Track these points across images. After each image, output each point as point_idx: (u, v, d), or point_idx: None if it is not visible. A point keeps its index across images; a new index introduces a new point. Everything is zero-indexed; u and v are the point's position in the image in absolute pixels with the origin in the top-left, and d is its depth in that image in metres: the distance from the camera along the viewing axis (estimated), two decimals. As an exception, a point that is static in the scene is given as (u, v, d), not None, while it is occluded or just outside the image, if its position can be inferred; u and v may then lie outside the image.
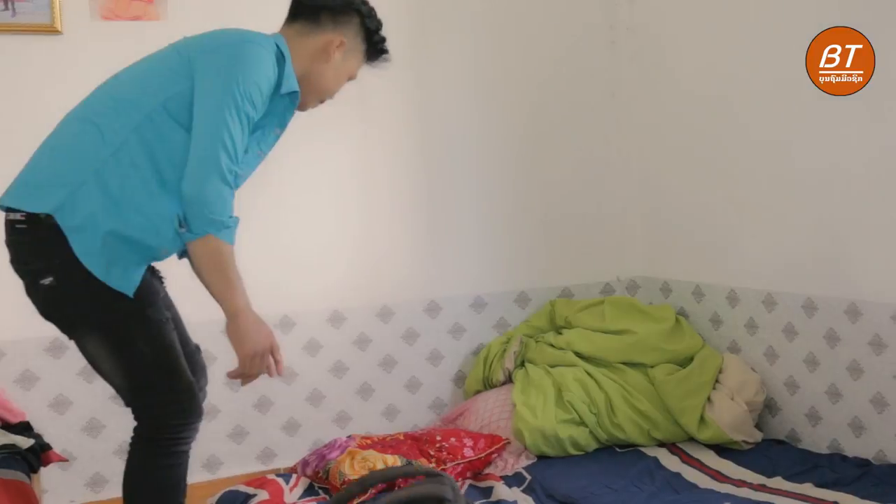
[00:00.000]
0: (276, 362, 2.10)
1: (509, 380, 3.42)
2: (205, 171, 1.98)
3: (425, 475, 2.44)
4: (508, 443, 3.13)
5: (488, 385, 3.46)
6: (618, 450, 3.18)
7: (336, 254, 3.37)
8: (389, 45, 2.30)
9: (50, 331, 2.76)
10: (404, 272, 3.47)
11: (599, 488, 2.80)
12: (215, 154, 1.98)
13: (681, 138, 3.61)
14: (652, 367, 3.34)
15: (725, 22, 3.34)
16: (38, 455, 2.60)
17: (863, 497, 2.58)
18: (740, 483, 2.81)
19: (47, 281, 2.01)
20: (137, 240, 2.03)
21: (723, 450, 3.09)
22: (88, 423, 3.02)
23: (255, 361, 2.06)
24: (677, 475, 2.92)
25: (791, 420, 3.18)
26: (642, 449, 3.16)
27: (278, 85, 2.13)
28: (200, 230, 1.99)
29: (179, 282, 2.24)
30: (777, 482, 2.79)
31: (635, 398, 3.22)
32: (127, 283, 2.02)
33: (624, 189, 3.82)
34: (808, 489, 2.70)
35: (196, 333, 2.32)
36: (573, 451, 3.13)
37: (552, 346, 3.46)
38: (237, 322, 2.04)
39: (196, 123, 2.01)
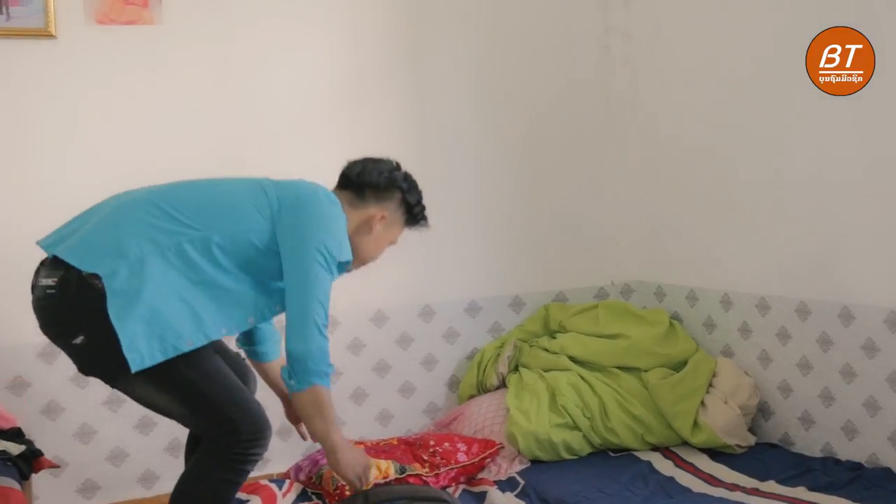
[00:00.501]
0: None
1: (503, 384, 3.42)
2: (306, 329, 2.17)
3: (429, 499, 2.46)
4: (502, 447, 3.13)
5: (482, 390, 3.46)
6: (611, 454, 3.18)
7: (329, 258, 3.37)
8: (387, 47, 2.31)
9: (41, 336, 2.75)
10: (398, 277, 3.46)
11: (593, 493, 2.80)
12: (312, 310, 2.17)
13: (675, 142, 3.61)
14: (646, 371, 3.34)
15: (721, 24, 3.34)
16: (30, 461, 2.59)
17: (855, 500, 2.59)
18: (734, 487, 2.81)
19: (79, 340, 2.11)
20: (163, 330, 2.08)
21: (716, 454, 3.10)
22: (80, 428, 3.01)
23: (359, 481, 2.36)
24: (671, 479, 2.92)
25: (784, 424, 3.18)
26: (636, 453, 3.16)
27: None
28: (306, 382, 2.20)
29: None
30: (770, 486, 2.79)
31: (629, 402, 3.22)
32: (139, 357, 2.06)
33: (618, 193, 3.82)
34: (802, 493, 2.70)
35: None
36: (567, 456, 3.13)
37: (546, 350, 3.46)
38: (337, 457, 2.30)
39: (289, 281, 2.20)
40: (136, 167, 3.03)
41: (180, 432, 2.98)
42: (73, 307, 2.11)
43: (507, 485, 2.93)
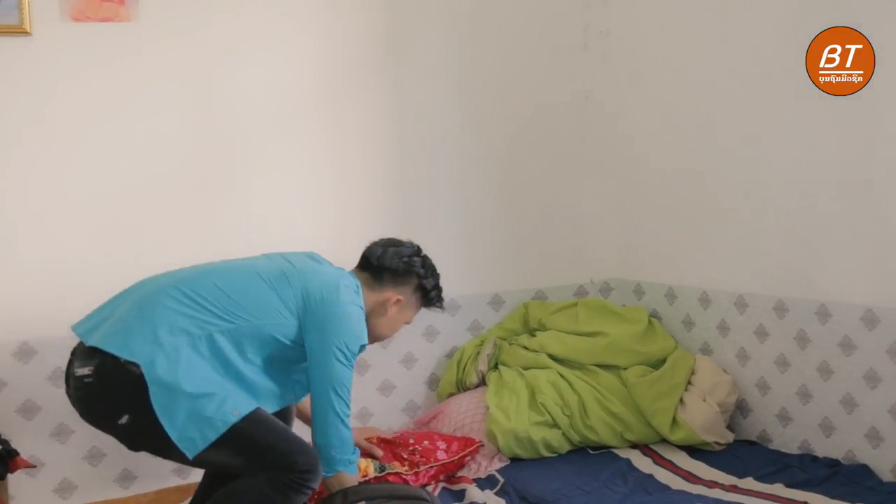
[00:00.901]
0: None
1: (483, 382, 3.42)
2: (328, 422, 2.37)
3: (409, 498, 2.48)
4: (482, 445, 3.13)
5: (462, 388, 3.46)
6: (590, 451, 3.19)
7: (309, 257, 3.35)
8: (368, 44, 2.30)
9: (17, 334, 2.73)
10: (378, 275, 3.46)
11: (572, 490, 2.81)
12: (334, 405, 2.37)
13: (655, 141, 3.62)
14: (625, 368, 3.35)
15: (703, 24, 3.35)
16: (5, 461, 2.57)
17: (832, 497, 2.61)
18: (712, 484, 2.83)
19: (124, 420, 2.22)
20: (208, 409, 2.20)
21: (695, 451, 3.11)
22: (57, 428, 2.98)
23: None
24: (650, 476, 2.93)
25: (762, 421, 3.20)
26: (615, 450, 3.17)
27: None
28: (332, 469, 2.40)
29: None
30: (748, 483, 2.81)
31: (608, 400, 3.23)
32: (192, 445, 2.19)
33: (597, 191, 3.83)
34: (779, 489, 2.72)
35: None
36: (546, 453, 3.14)
37: (525, 348, 3.46)
38: None
39: (312, 376, 2.38)
40: (114, 165, 3.01)
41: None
42: (113, 391, 2.22)
43: (486, 483, 2.93)
